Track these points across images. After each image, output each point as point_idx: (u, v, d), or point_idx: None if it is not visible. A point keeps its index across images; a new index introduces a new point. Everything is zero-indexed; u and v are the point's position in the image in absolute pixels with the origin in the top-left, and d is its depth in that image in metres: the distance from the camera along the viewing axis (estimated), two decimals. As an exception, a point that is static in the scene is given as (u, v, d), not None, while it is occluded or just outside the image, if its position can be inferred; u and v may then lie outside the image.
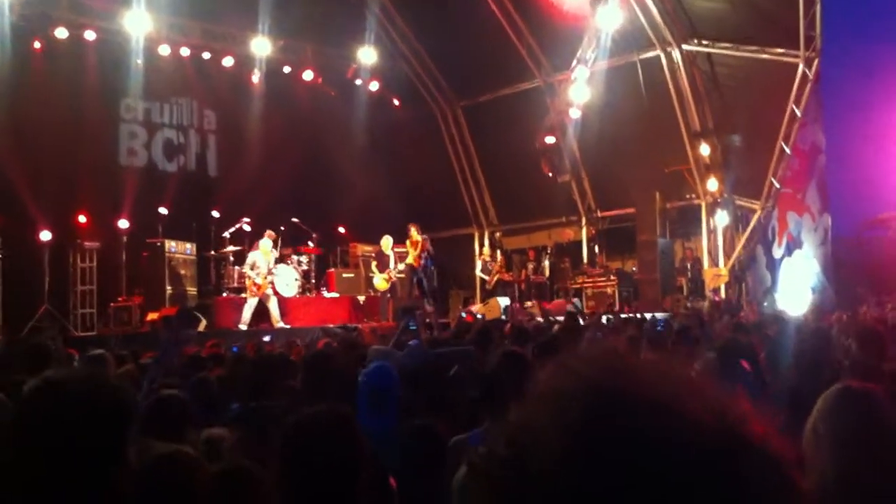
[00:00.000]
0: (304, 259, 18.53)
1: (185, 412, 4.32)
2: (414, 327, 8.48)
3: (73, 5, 18.27)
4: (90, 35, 18.33)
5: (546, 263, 20.61)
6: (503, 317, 17.48)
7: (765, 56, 18.31)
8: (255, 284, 16.42)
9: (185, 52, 19.87)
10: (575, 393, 0.93)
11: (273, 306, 16.69)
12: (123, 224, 17.80)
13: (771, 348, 6.73)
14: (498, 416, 4.05)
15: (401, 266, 17.67)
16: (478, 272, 21.32)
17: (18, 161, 16.31)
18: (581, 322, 11.63)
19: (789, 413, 3.79)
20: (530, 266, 21.10)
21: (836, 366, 5.55)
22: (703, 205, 20.39)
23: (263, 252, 16.65)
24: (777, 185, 18.82)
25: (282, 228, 18.04)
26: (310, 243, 18.74)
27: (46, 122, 17.36)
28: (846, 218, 18.67)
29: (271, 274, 16.73)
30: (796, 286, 18.39)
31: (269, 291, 16.70)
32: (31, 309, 15.71)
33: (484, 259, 20.82)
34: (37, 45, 17.78)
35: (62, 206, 16.92)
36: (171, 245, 17.74)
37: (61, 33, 17.85)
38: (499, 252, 22.71)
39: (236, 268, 17.55)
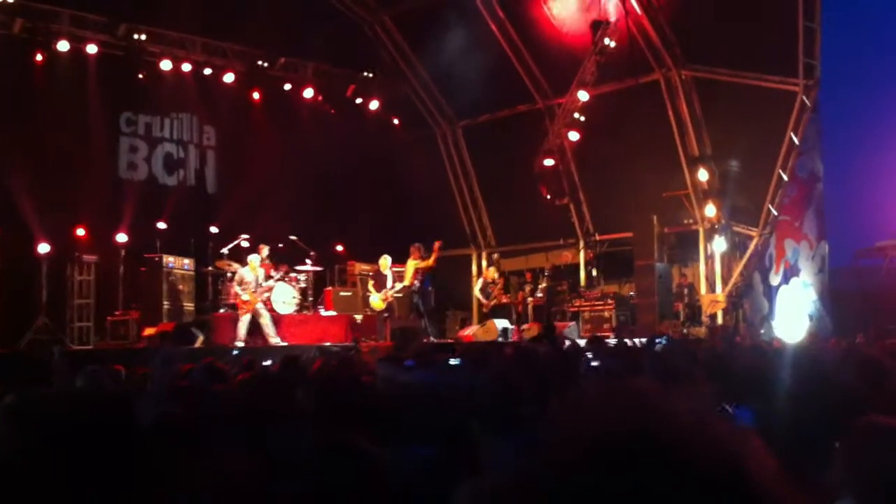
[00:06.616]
0: (301, 277, 18.46)
1: (189, 430, 4.25)
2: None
3: (76, 19, 18.31)
4: (92, 48, 18.37)
5: (542, 285, 20.47)
6: (500, 339, 17.44)
7: (764, 83, 18.41)
8: (243, 301, 16.04)
9: (186, 67, 19.92)
10: (592, 434, 0.95)
11: (265, 323, 16.18)
12: (122, 238, 17.79)
13: (765, 377, 6.69)
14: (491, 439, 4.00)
15: (398, 286, 17.60)
16: (476, 291, 21.01)
17: (18, 173, 16.32)
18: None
19: (791, 446, 3.78)
20: (527, 288, 21.00)
21: (841, 396, 5.51)
22: (701, 230, 20.41)
23: (251, 267, 16.19)
24: (775, 213, 18.88)
25: (280, 246, 18.02)
26: (307, 261, 18.65)
27: (47, 135, 17.36)
28: (843, 246, 18.70)
29: (260, 288, 16.41)
30: (793, 314, 18.42)
31: (261, 307, 16.21)
32: (28, 321, 15.68)
33: (486, 279, 20.48)
34: (38, 57, 17.77)
35: (61, 218, 16.88)
36: (169, 260, 17.67)
37: (63, 46, 17.88)
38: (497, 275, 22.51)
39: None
